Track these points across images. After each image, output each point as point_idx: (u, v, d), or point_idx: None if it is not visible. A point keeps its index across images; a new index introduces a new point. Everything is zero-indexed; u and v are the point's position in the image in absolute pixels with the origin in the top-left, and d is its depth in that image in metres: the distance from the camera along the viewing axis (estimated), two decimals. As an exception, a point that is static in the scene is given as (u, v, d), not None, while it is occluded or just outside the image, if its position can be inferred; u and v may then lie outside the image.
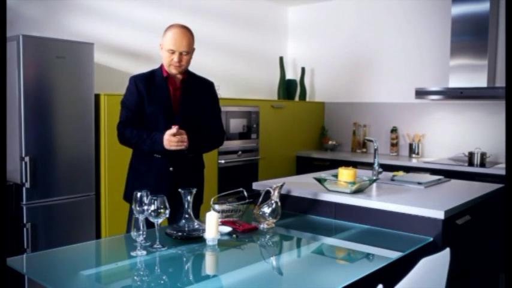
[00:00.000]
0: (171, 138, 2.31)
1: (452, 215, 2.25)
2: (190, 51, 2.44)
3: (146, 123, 2.48)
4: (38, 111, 3.12)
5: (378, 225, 2.33)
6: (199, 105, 2.56)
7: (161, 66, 2.52)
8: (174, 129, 2.30)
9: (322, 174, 2.79)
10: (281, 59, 5.57)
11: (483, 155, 4.17)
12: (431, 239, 2.15)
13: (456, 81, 4.36)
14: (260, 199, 2.34)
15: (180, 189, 1.99)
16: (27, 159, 3.07)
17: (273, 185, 2.31)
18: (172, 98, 2.49)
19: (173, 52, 2.39)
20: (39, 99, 3.12)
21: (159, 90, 2.47)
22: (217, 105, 2.69)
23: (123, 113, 2.50)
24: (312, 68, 5.74)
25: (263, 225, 2.26)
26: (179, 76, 2.51)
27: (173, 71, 2.45)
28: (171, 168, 2.48)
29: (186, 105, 2.51)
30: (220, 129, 2.68)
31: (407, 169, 4.15)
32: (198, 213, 2.58)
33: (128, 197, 2.55)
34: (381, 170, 3.02)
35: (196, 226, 2.01)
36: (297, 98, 5.64)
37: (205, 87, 2.62)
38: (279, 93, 5.54)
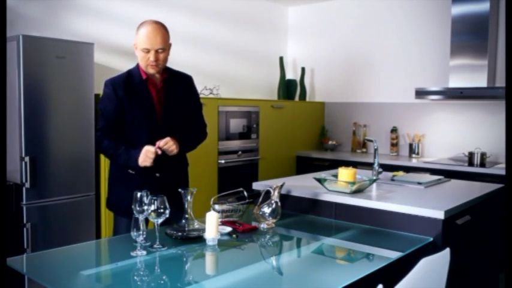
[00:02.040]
0: (149, 155, 2.20)
1: (452, 215, 2.25)
2: (166, 47, 2.30)
3: (128, 130, 2.35)
4: (38, 111, 3.12)
5: (378, 225, 2.33)
6: (183, 103, 2.46)
7: (138, 66, 2.39)
8: (153, 148, 2.19)
9: (322, 174, 2.79)
10: (281, 59, 5.57)
11: (483, 155, 4.17)
12: (431, 239, 2.15)
13: (456, 81, 4.36)
14: (260, 199, 2.34)
15: (180, 189, 1.99)
16: (27, 159, 3.07)
17: (273, 185, 2.31)
18: (155, 101, 2.36)
19: (148, 51, 2.26)
20: (39, 99, 3.12)
21: (139, 95, 2.33)
22: (199, 99, 2.59)
23: (102, 120, 2.35)
24: (312, 68, 5.74)
25: (263, 225, 2.26)
26: (159, 76, 2.38)
27: (151, 70, 2.31)
28: (157, 174, 2.38)
29: (170, 106, 2.40)
30: (203, 124, 2.61)
31: (407, 169, 4.15)
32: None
33: (112, 206, 2.48)
34: (381, 170, 3.02)
35: (196, 226, 2.01)
36: (297, 98, 5.64)
37: (185, 82, 2.51)
38: (279, 93, 5.54)
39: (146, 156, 2.21)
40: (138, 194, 1.85)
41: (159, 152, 2.21)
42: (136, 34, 2.31)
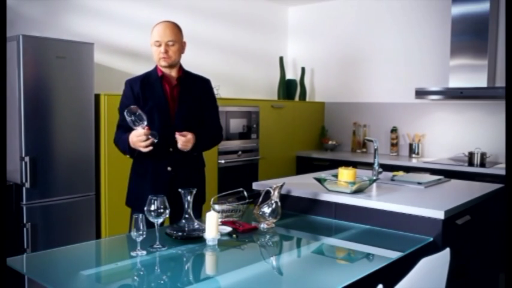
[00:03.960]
0: (140, 138, 2.22)
1: (452, 215, 2.25)
2: (176, 41, 2.41)
3: None
4: (38, 111, 3.12)
5: (378, 225, 2.33)
6: (198, 103, 2.52)
7: (156, 67, 2.49)
8: (143, 130, 2.20)
9: (322, 174, 2.79)
10: (281, 59, 5.57)
11: (483, 155, 4.17)
12: (431, 239, 2.15)
13: (456, 81, 4.36)
14: (260, 199, 2.34)
15: (180, 189, 1.99)
16: (27, 159, 3.07)
17: (273, 185, 2.31)
18: (169, 97, 2.45)
19: (160, 44, 2.38)
20: (39, 99, 3.13)
21: (154, 91, 2.43)
22: (215, 102, 2.65)
23: (120, 117, 2.46)
24: (312, 68, 5.74)
25: (263, 225, 2.26)
26: (174, 74, 2.48)
27: (163, 63, 2.41)
28: (169, 168, 2.43)
29: (185, 103, 2.47)
30: (219, 127, 2.66)
31: (407, 169, 4.15)
32: (200, 212, 2.55)
33: (129, 202, 2.54)
34: (380, 170, 3.02)
35: (196, 226, 2.01)
36: (297, 98, 5.64)
37: (202, 84, 2.58)
38: (279, 93, 5.54)
39: (136, 139, 2.23)
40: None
41: (147, 129, 2.21)
42: (151, 33, 2.44)
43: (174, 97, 2.46)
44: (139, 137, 2.22)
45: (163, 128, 2.37)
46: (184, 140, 2.33)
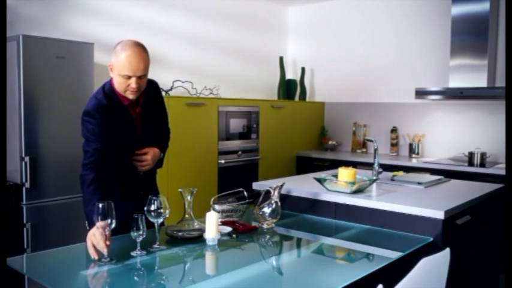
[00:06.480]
0: (92, 241, 1.78)
1: (452, 215, 2.25)
2: (147, 72, 2.16)
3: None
4: (37, 111, 3.12)
5: (378, 225, 2.33)
6: (156, 115, 2.38)
7: (113, 89, 2.19)
8: (103, 242, 1.77)
9: (322, 174, 2.79)
10: (281, 59, 5.57)
11: (483, 155, 4.17)
12: (431, 239, 2.15)
13: (456, 81, 4.36)
14: (260, 199, 2.34)
15: (179, 189, 1.99)
16: (27, 159, 3.07)
17: (273, 185, 2.31)
18: (136, 123, 2.25)
19: (129, 77, 2.08)
20: (39, 99, 3.13)
21: (124, 123, 2.21)
22: (164, 104, 2.48)
23: (92, 145, 2.11)
24: (312, 68, 5.74)
25: (263, 225, 2.26)
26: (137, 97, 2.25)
27: (130, 96, 2.16)
28: (142, 192, 2.28)
29: (148, 121, 2.31)
30: (168, 127, 2.54)
31: (407, 169, 4.15)
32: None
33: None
34: (381, 170, 3.02)
35: (196, 226, 2.01)
36: (297, 98, 5.64)
37: (153, 90, 2.38)
38: (279, 93, 5.54)
39: (89, 238, 1.80)
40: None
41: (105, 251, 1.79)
42: (115, 56, 2.14)
43: (139, 124, 2.27)
44: (96, 239, 1.77)
45: (131, 154, 2.24)
46: (144, 164, 2.23)
